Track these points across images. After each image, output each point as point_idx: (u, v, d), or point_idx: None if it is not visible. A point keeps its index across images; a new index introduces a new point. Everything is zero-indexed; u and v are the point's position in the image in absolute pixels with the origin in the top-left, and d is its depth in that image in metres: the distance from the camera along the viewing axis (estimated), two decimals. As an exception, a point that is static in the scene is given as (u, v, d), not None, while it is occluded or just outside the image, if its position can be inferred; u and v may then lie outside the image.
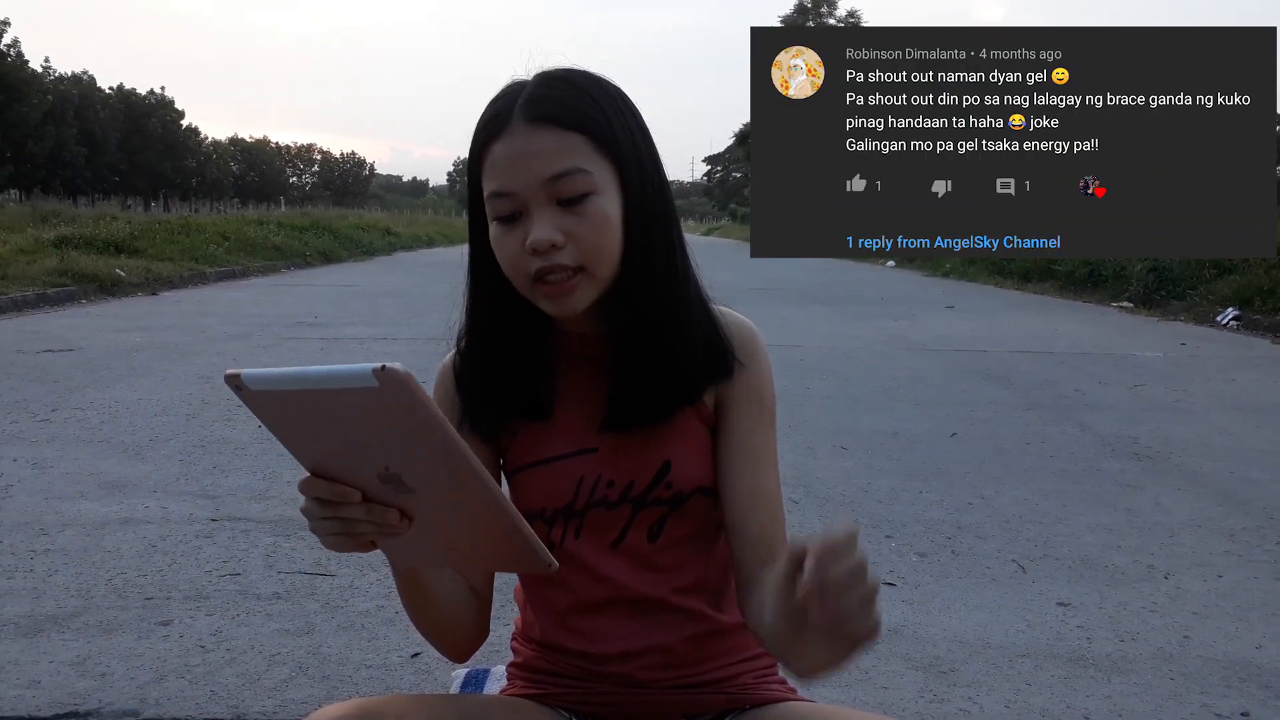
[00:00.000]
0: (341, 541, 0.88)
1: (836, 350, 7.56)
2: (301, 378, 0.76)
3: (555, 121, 1.03)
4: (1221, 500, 3.81)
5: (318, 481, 0.85)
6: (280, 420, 0.81)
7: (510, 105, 1.05)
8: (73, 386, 5.64)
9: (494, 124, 1.05)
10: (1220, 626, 2.62)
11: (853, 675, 2.29)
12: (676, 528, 1.14)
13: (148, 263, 13.55)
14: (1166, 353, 8.13)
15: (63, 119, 52.72)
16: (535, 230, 1.03)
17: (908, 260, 23.31)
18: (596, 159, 1.04)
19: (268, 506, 3.48)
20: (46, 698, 2.12)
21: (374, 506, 0.85)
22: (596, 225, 1.04)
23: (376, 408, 0.75)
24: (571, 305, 1.06)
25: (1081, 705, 2.18)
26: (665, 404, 1.11)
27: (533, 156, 1.02)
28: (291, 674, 2.25)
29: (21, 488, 3.68)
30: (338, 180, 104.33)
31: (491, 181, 1.05)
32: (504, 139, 1.04)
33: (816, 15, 46.92)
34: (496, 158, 1.04)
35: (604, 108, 1.06)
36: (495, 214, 1.06)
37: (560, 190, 1.03)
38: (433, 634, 1.11)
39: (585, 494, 1.13)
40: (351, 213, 38.21)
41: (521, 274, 1.05)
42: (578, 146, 1.03)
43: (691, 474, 1.13)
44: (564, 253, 1.03)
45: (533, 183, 1.02)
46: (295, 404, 0.78)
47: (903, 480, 4.02)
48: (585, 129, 1.04)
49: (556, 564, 0.87)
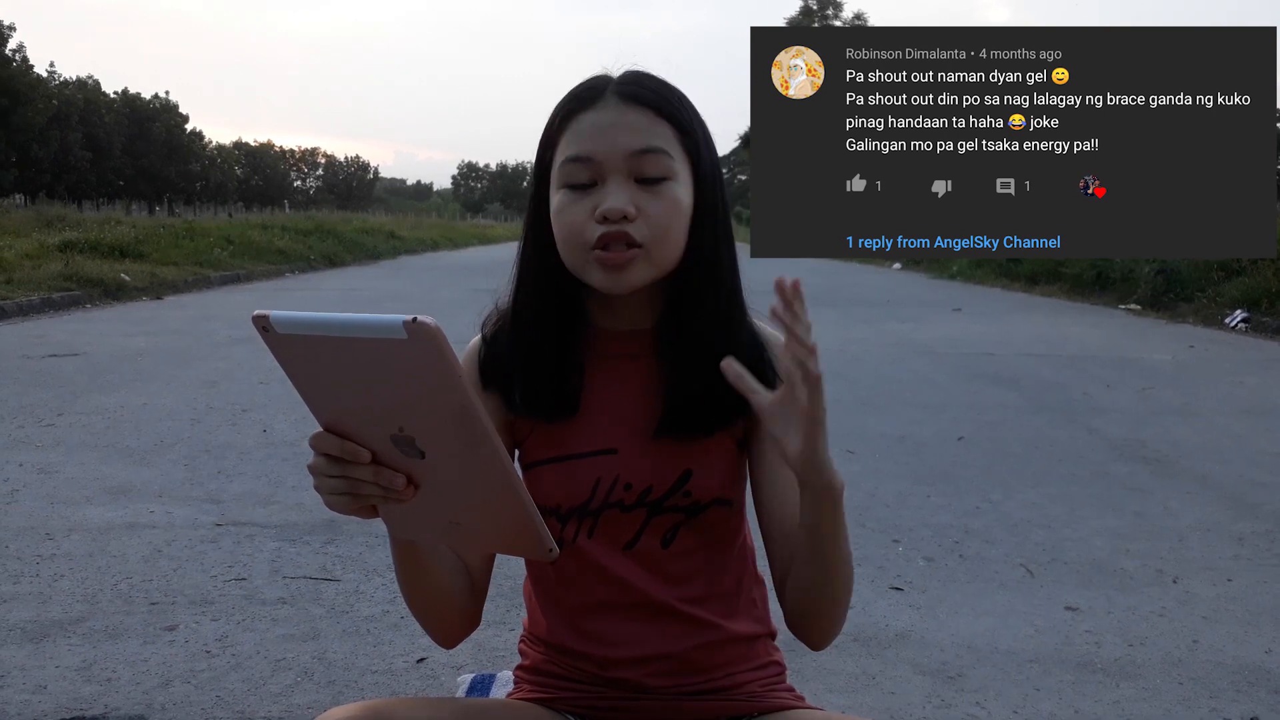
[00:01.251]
0: (344, 502, 0.87)
1: (844, 353, 7.55)
2: (331, 324, 0.75)
3: (649, 104, 1.06)
4: (1230, 504, 3.80)
5: (329, 437, 0.84)
6: (302, 367, 0.80)
7: (603, 84, 1.08)
8: (78, 391, 5.65)
9: (584, 97, 1.07)
10: (1229, 631, 2.60)
11: (859, 681, 2.28)
12: (690, 536, 1.14)
13: (152, 267, 13.57)
14: (1175, 355, 8.11)
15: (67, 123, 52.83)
16: (611, 198, 1.03)
17: (914, 262, 23.29)
18: (678, 149, 1.07)
19: (273, 511, 3.48)
20: (52, 703, 2.11)
21: (382, 469, 0.84)
22: (669, 208, 1.05)
23: (402, 361, 0.74)
24: (625, 281, 1.06)
25: (1090, 710, 2.17)
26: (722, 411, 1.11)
27: (622, 128, 1.04)
28: (297, 679, 2.24)
29: (27, 493, 3.68)
30: (342, 184, 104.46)
31: (572, 147, 1.05)
32: (595, 109, 1.06)
33: (822, 17, 46.93)
34: (583, 125, 1.05)
35: (687, 109, 1.09)
36: (568, 180, 1.05)
37: (642, 166, 1.04)
38: (423, 614, 1.10)
39: (602, 494, 1.12)
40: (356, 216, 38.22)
41: (580, 242, 1.05)
42: (665, 132, 1.06)
43: (712, 485, 1.13)
44: (633, 226, 1.04)
45: (617, 152, 1.04)
46: (320, 351, 0.77)
47: (910, 484, 4.01)
48: (675, 121, 1.07)
49: (557, 550, 0.86)
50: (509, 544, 0.88)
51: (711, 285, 1.11)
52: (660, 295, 1.12)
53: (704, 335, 1.11)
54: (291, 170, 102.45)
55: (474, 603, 1.13)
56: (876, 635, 2.53)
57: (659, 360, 1.13)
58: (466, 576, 1.11)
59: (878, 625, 2.60)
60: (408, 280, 16.49)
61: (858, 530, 3.39)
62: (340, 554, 3.05)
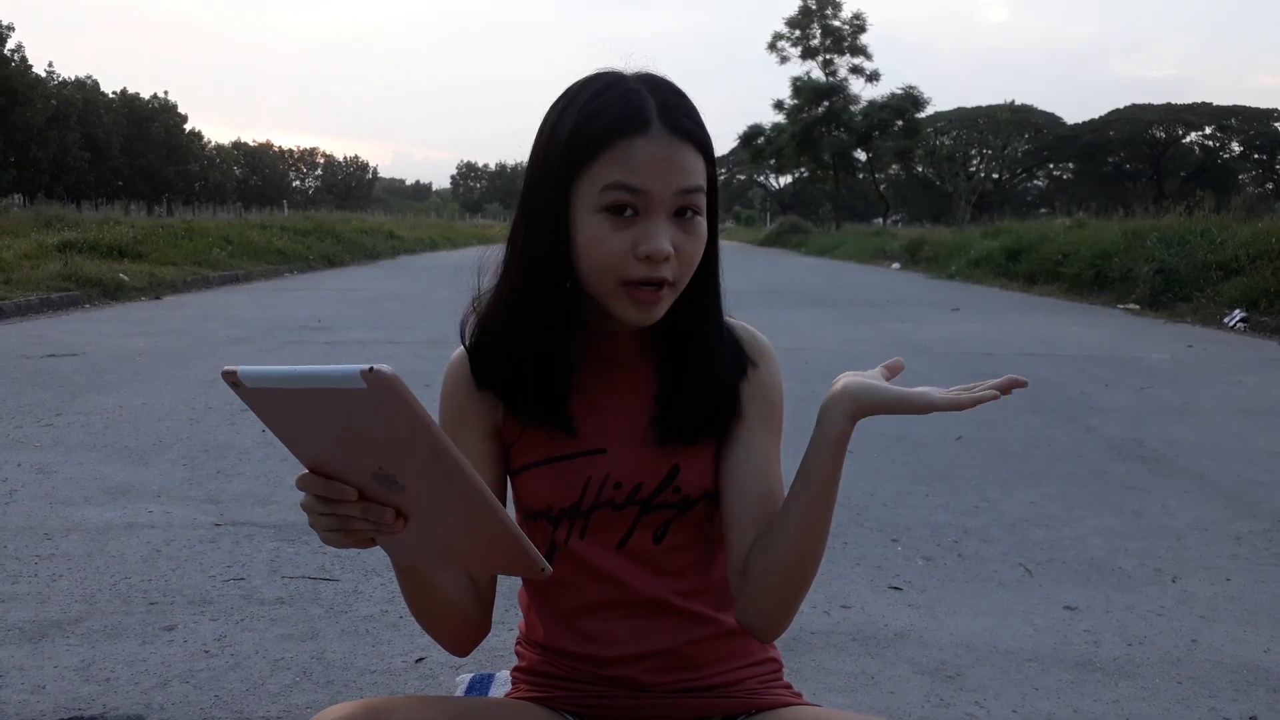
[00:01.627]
0: (339, 538, 0.88)
1: (842, 353, 7.55)
2: (293, 376, 0.76)
3: (692, 139, 1.06)
4: (1229, 503, 3.80)
5: (315, 478, 0.85)
6: (276, 417, 0.82)
7: (645, 106, 1.05)
8: (76, 391, 5.64)
9: (635, 121, 1.05)
10: (1228, 630, 2.61)
11: (858, 680, 2.28)
12: (682, 531, 1.14)
13: (151, 267, 13.57)
14: (1173, 355, 8.11)
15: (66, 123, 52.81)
16: (657, 239, 1.04)
17: (913, 262, 23.31)
18: (705, 181, 1.08)
19: (271, 511, 3.48)
20: (51, 703, 2.11)
21: (370, 505, 0.85)
22: (699, 244, 1.08)
23: (366, 408, 0.75)
24: (653, 315, 1.08)
25: (1089, 709, 2.17)
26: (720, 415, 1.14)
27: (675, 166, 1.04)
28: (296, 679, 2.24)
29: (25, 492, 3.68)
30: (340, 184, 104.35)
31: (622, 174, 1.04)
32: (647, 139, 1.04)
33: (821, 17, 46.85)
34: (637, 154, 1.04)
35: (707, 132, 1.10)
36: (610, 205, 1.04)
37: (685, 203, 1.05)
38: (433, 628, 1.10)
39: (592, 495, 1.13)
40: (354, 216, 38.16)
41: (615, 274, 1.05)
42: (701, 167, 1.07)
43: (701, 479, 1.14)
44: (667, 266, 1.05)
45: (667, 190, 1.04)
46: (289, 402, 0.79)
47: (908, 484, 4.01)
48: (706, 153, 1.08)
49: (549, 569, 0.87)
50: (503, 566, 0.90)
51: (707, 292, 1.13)
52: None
53: (701, 339, 1.13)
54: (290, 170, 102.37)
55: (482, 611, 1.13)
56: (875, 634, 2.54)
57: (651, 362, 1.15)
58: (472, 587, 1.12)
59: (876, 624, 2.60)
60: (406, 280, 16.49)
61: (856, 530, 3.39)
62: (338, 554, 3.05)
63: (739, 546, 1.11)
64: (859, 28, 47.08)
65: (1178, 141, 66.88)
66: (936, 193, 54.04)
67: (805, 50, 47.85)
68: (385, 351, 7.44)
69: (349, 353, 7.42)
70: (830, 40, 47.47)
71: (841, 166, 47.23)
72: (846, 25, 47.18)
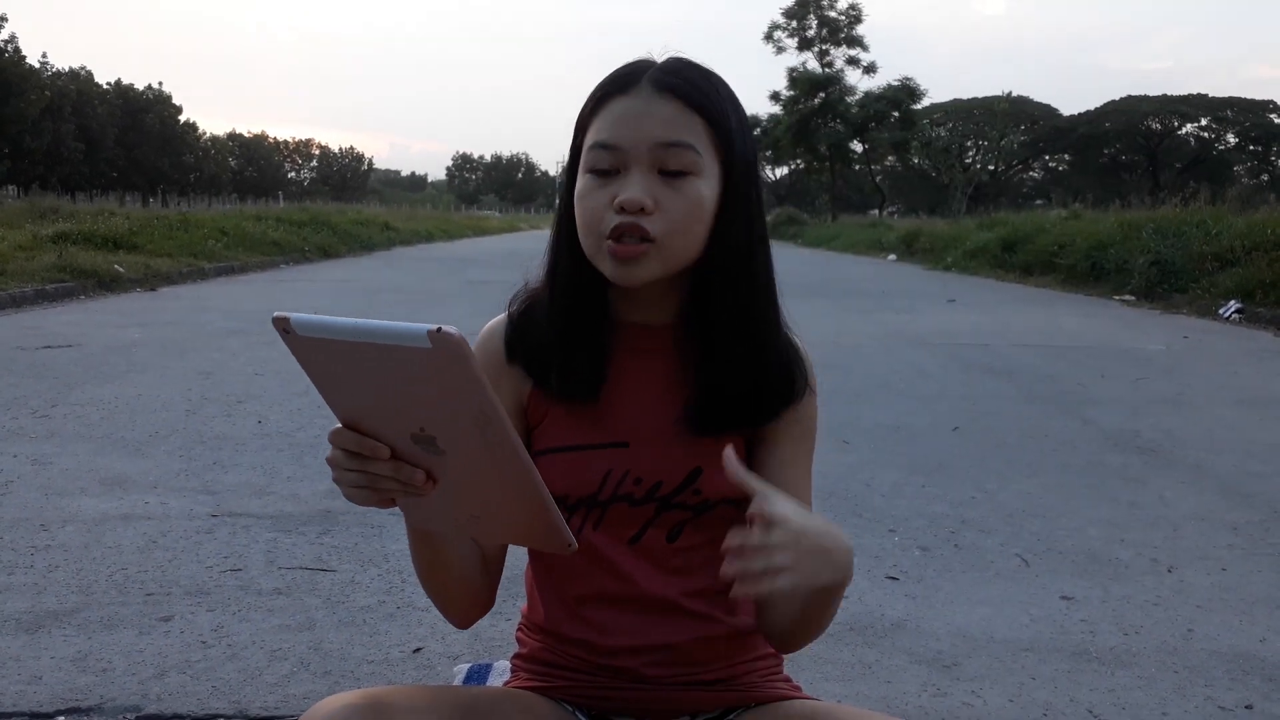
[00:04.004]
0: (363, 495, 0.87)
1: (838, 345, 7.55)
2: (354, 329, 0.75)
3: (681, 96, 1.04)
4: (1225, 493, 3.81)
5: (348, 433, 0.85)
6: (322, 369, 0.81)
7: (640, 71, 1.06)
8: (72, 383, 5.63)
9: (619, 82, 1.06)
10: (1224, 620, 2.61)
11: (855, 670, 2.29)
12: (696, 533, 1.13)
13: (146, 258, 13.53)
14: (1169, 346, 8.12)
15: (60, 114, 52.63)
16: (630, 188, 1.03)
17: (909, 253, 23.30)
18: (708, 145, 1.05)
19: (268, 502, 3.48)
20: (48, 693, 2.11)
21: (401, 465, 0.84)
22: (689, 204, 1.04)
23: (425, 369, 0.75)
24: (633, 274, 1.05)
25: (1085, 699, 2.17)
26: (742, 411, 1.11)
27: (650, 118, 1.03)
28: (293, 669, 2.24)
29: (21, 484, 3.67)
30: (336, 175, 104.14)
31: (600, 133, 1.04)
32: (627, 97, 1.04)
33: (817, 8, 46.77)
34: (613, 111, 1.04)
35: (726, 102, 1.07)
36: (592, 165, 1.05)
37: (666, 159, 1.03)
38: (439, 596, 1.10)
39: (611, 487, 1.12)
40: (350, 208, 38.09)
41: (596, 230, 1.05)
42: (695, 126, 1.04)
43: (722, 484, 1.12)
44: (649, 219, 1.03)
45: (642, 142, 1.03)
46: (341, 354, 0.78)
47: (905, 475, 4.01)
48: (708, 115, 1.05)
49: (575, 544, 0.87)
50: (527, 537, 0.90)
51: (735, 280, 1.09)
52: (682, 289, 1.11)
53: (727, 331, 1.09)
54: (286, 161, 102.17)
55: (489, 584, 1.13)
56: (872, 624, 2.54)
57: (677, 357, 1.12)
58: (482, 559, 1.12)
59: (873, 615, 2.60)
60: (402, 271, 16.46)
61: (854, 520, 3.40)
62: (336, 544, 3.05)
63: None
64: (855, 19, 47.05)
65: (1173, 133, 66.90)
66: (932, 184, 54.07)
67: (801, 41, 47.81)
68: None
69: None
70: (826, 31, 47.42)
71: (838, 158, 47.23)
72: (843, 16, 47.15)
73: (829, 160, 47.34)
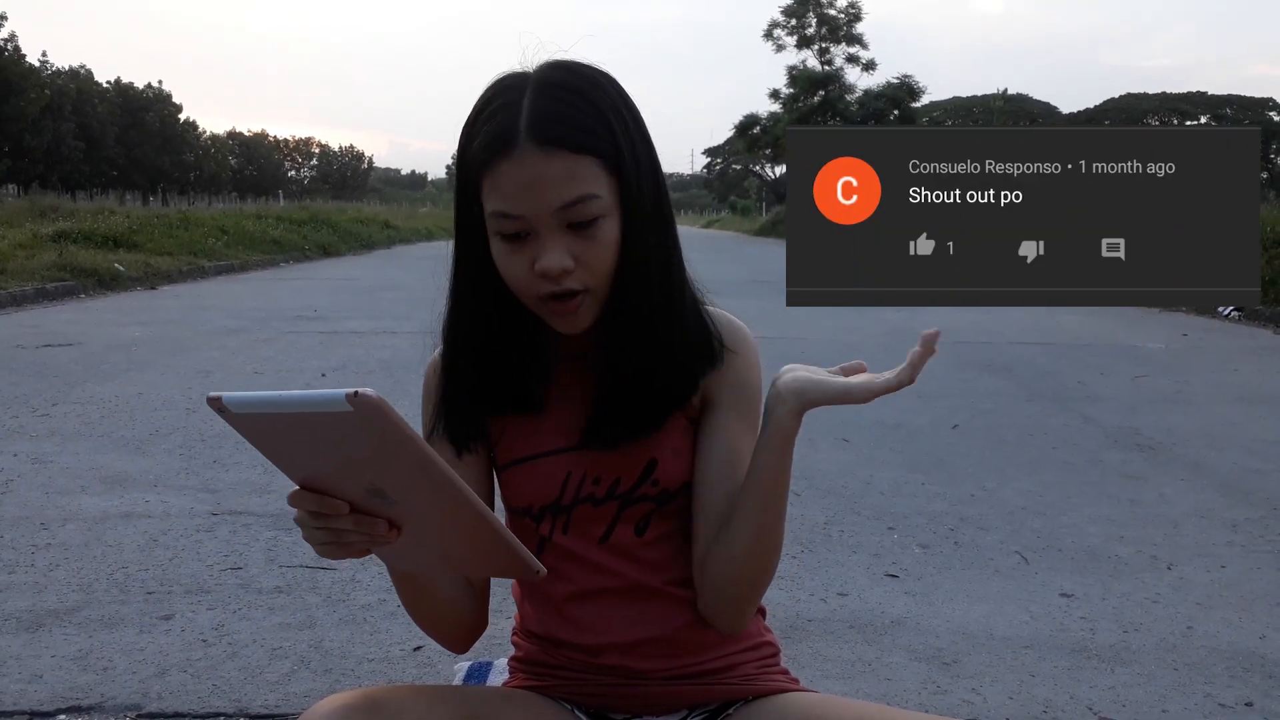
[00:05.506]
0: (334, 550, 0.89)
1: (838, 342, 7.55)
2: (279, 402, 0.78)
3: (566, 145, 1.00)
4: (1224, 491, 3.81)
5: (306, 494, 0.87)
6: (264, 440, 0.84)
7: (514, 121, 1.01)
8: (72, 381, 5.63)
9: (499, 142, 1.01)
10: (1224, 617, 2.61)
11: (855, 667, 2.29)
12: (663, 522, 1.14)
13: (146, 257, 13.53)
14: (1168, 344, 8.12)
15: (60, 113, 52.61)
16: (547, 257, 1.01)
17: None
18: (604, 180, 1.02)
19: (268, 500, 3.48)
20: (48, 692, 2.11)
21: (362, 517, 0.86)
22: (604, 248, 1.04)
23: (353, 430, 0.77)
24: (578, 324, 1.07)
25: (1085, 696, 2.17)
26: (657, 414, 1.11)
27: (545, 184, 1.00)
28: (294, 668, 2.24)
29: (22, 482, 3.67)
30: (336, 174, 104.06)
31: (498, 202, 1.02)
32: (512, 160, 1.00)
33: (817, 6, 46.73)
34: (503, 179, 1.01)
35: (610, 120, 1.03)
36: (500, 230, 1.04)
37: (571, 216, 1.01)
38: (431, 628, 1.12)
39: (571, 491, 1.13)
40: (350, 206, 38.15)
41: (530, 294, 1.05)
42: (587, 171, 1.01)
43: (678, 471, 1.13)
44: (573, 277, 1.03)
45: (544, 210, 1.01)
46: (276, 426, 0.81)
47: (905, 472, 4.01)
48: (595, 150, 1.02)
49: (544, 570, 0.89)
50: (497, 569, 0.93)
51: (644, 294, 1.08)
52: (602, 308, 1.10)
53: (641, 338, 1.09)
54: (286, 160, 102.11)
55: (478, 608, 1.15)
56: (872, 622, 2.54)
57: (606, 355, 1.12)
58: (467, 586, 1.13)
59: (873, 612, 2.60)
60: (403, 269, 16.45)
61: (853, 517, 3.40)
62: (336, 543, 3.05)
63: (703, 540, 1.11)
64: (855, 16, 46.98)
65: (1174, 130, 66.87)
66: (933, 182, 53.87)
67: (801, 39, 47.74)
68: (382, 341, 7.43)
69: (346, 342, 7.40)
70: (826, 29, 47.36)
71: (838, 156, 47.06)
72: (842, 14, 47.06)
73: (829, 158, 47.20)
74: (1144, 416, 5.13)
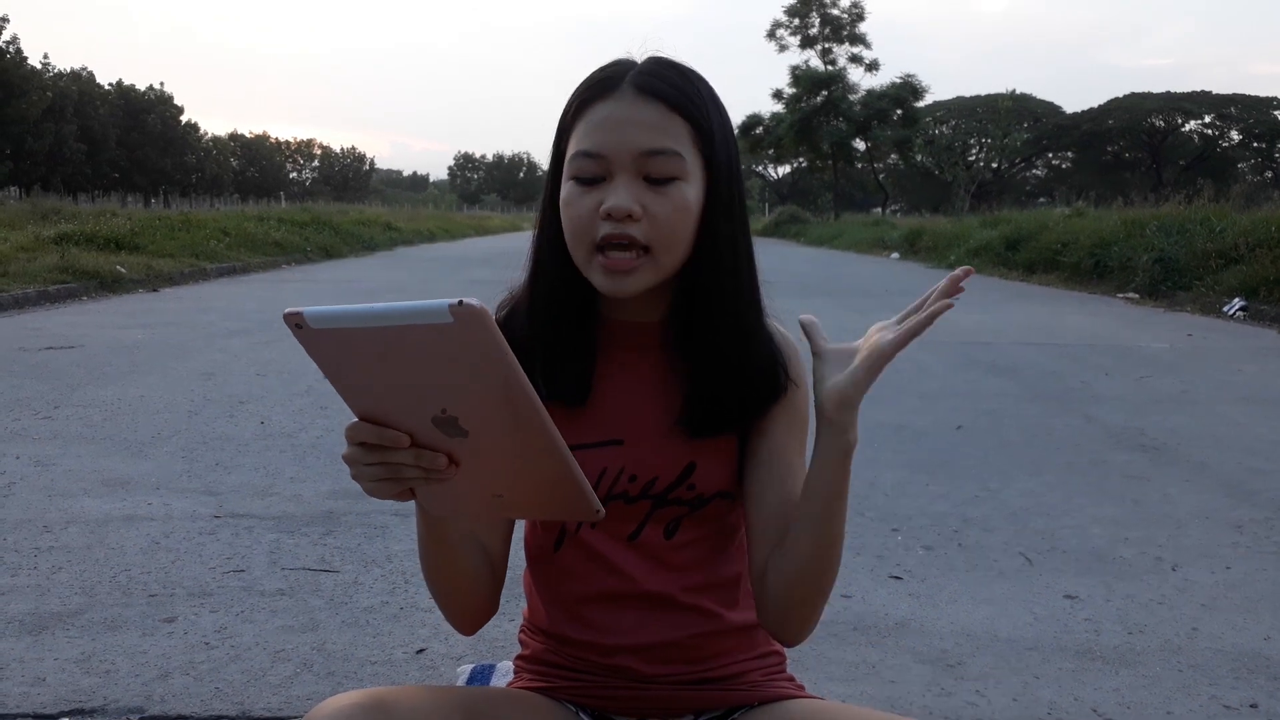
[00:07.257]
0: (385, 487, 0.86)
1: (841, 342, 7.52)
2: (370, 314, 0.74)
3: (663, 98, 1.03)
4: (1229, 491, 3.80)
5: (365, 426, 0.83)
6: (338, 361, 0.79)
7: (621, 73, 1.05)
8: (74, 384, 5.63)
9: (600, 85, 1.05)
10: (1228, 618, 2.61)
11: (859, 670, 2.28)
12: (693, 527, 1.14)
13: (148, 259, 13.54)
14: (1173, 344, 8.11)
15: (62, 115, 52.73)
16: (615, 195, 1.02)
17: (912, 252, 23.29)
18: (691, 149, 1.04)
19: (271, 503, 3.47)
20: (51, 695, 2.11)
21: (422, 451, 0.83)
22: (676, 209, 1.04)
23: (447, 345, 0.73)
24: (628, 286, 1.05)
25: (1090, 698, 2.17)
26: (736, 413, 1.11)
27: (634, 125, 1.02)
28: (296, 670, 2.24)
29: (24, 485, 3.67)
30: (338, 175, 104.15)
31: (584, 141, 1.03)
32: (609, 101, 1.03)
33: (820, 6, 46.73)
34: (596, 118, 1.03)
35: (709, 104, 1.06)
36: (577, 173, 1.04)
37: (651, 167, 1.03)
38: (446, 598, 1.10)
39: (606, 485, 1.12)
40: (352, 208, 38.15)
41: (586, 239, 1.04)
42: (679, 130, 1.04)
43: (716, 478, 1.13)
44: (637, 226, 1.02)
45: (627, 151, 1.02)
46: (359, 343, 0.76)
47: (908, 473, 4.01)
48: (690, 116, 1.04)
49: (604, 511, 0.86)
50: (554, 509, 0.88)
51: (723, 281, 1.09)
52: (671, 288, 1.11)
53: (716, 333, 1.09)
54: (287, 162, 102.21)
55: (494, 589, 1.13)
56: (876, 624, 2.53)
57: (667, 354, 1.12)
58: (489, 563, 1.12)
59: (877, 614, 2.60)
60: (405, 271, 16.46)
61: (857, 519, 3.39)
62: (339, 545, 3.05)
63: (759, 553, 1.11)
64: (858, 16, 46.99)
65: (1177, 130, 66.79)
66: (935, 182, 53.98)
67: (804, 39, 47.79)
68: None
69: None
70: (829, 29, 47.39)
71: (840, 156, 47.16)
72: (845, 14, 47.08)
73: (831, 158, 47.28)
74: (1148, 417, 5.12)
